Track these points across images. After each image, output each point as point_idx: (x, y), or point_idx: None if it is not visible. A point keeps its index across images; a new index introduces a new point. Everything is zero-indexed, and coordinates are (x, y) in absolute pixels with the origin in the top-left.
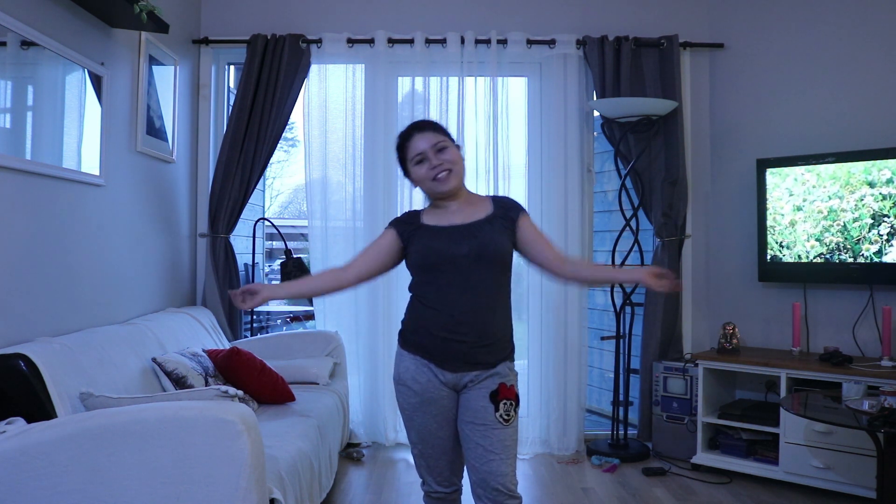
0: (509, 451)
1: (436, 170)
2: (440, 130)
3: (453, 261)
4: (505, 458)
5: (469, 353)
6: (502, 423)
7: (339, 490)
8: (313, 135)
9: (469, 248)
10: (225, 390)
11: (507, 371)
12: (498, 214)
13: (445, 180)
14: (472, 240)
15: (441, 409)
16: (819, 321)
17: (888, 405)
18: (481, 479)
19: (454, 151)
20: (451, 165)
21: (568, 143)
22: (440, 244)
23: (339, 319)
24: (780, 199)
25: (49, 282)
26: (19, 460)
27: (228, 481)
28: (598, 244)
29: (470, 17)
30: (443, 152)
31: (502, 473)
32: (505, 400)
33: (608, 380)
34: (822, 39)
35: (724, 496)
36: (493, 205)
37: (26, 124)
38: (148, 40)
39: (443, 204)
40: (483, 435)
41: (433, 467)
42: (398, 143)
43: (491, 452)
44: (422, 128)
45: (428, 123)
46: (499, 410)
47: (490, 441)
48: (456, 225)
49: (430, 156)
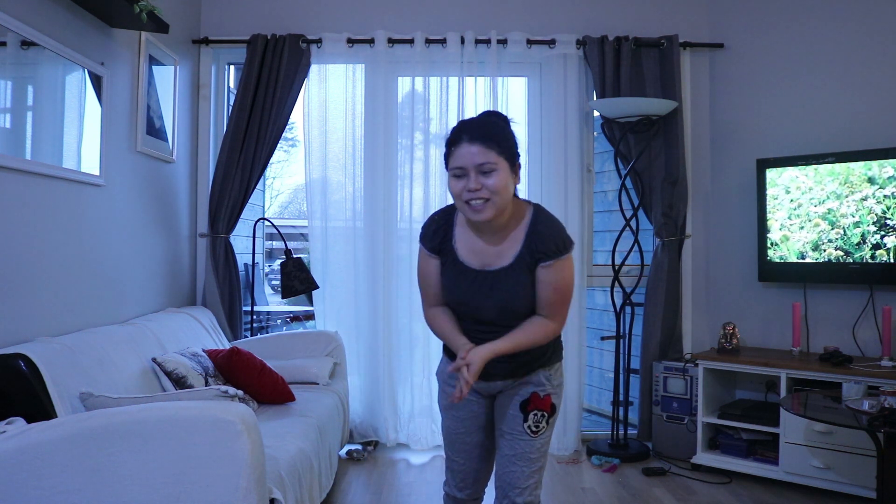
0: (534, 464)
1: (472, 194)
2: (493, 145)
3: (477, 311)
4: (528, 470)
5: (497, 369)
6: (530, 434)
7: (339, 490)
8: (313, 135)
9: (494, 303)
10: (225, 390)
11: (544, 380)
12: (524, 256)
13: (479, 210)
14: (497, 293)
15: (469, 413)
16: (819, 321)
17: (888, 405)
18: (500, 488)
19: (501, 176)
20: (489, 195)
21: (568, 143)
22: (462, 289)
23: (339, 319)
24: (780, 198)
25: (49, 282)
26: (19, 460)
27: (228, 481)
28: (598, 244)
29: (470, 17)
30: (487, 176)
31: (520, 487)
32: (536, 410)
33: (608, 380)
34: (823, 39)
35: (724, 496)
36: (524, 240)
37: (26, 124)
38: (148, 40)
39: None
40: (509, 444)
41: (455, 470)
42: (447, 138)
43: (513, 463)
44: (473, 137)
45: (482, 132)
46: (527, 421)
47: (514, 451)
48: (479, 270)
49: (472, 176)
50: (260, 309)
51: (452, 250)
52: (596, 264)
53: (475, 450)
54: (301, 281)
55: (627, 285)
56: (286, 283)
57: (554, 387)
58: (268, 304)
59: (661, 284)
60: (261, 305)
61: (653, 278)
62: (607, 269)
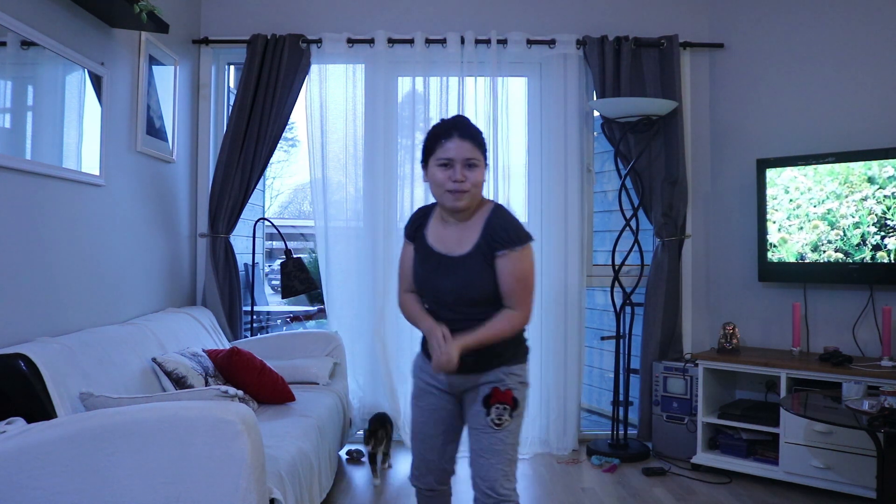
0: (500, 456)
1: (456, 184)
2: (480, 145)
3: (437, 292)
4: (495, 462)
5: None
6: (493, 426)
7: (339, 490)
8: (315, 135)
9: (451, 285)
10: (225, 390)
11: (503, 376)
12: (481, 245)
13: (459, 198)
14: (454, 277)
15: (430, 405)
16: (819, 321)
17: (888, 405)
18: (473, 482)
19: (480, 172)
20: (471, 187)
21: (568, 143)
22: (426, 272)
23: (339, 319)
24: (779, 198)
25: (49, 282)
26: (19, 460)
27: (228, 481)
28: (598, 244)
29: (470, 17)
30: (471, 170)
31: (490, 478)
32: (498, 404)
33: (608, 380)
34: (823, 39)
35: (724, 496)
36: (482, 230)
37: (26, 124)
38: (148, 40)
39: (447, 216)
40: (476, 439)
41: (416, 459)
42: (434, 131)
43: (481, 457)
44: (464, 134)
45: (471, 132)
46: (490, 415)
47: (481, 445)
48: (443, 254)
49: (458, 168)
50: (260, 309)
51: (423, 236)
52: (596, 264)
53: (430, 440)
54: (301, 281)
55: (627, 285)
56: (286, 283)
57: (515, 383)
58: (268, 304)
59: (661, 284)
60: (261, 305)
61: (653, 278)
62: (607, 269)
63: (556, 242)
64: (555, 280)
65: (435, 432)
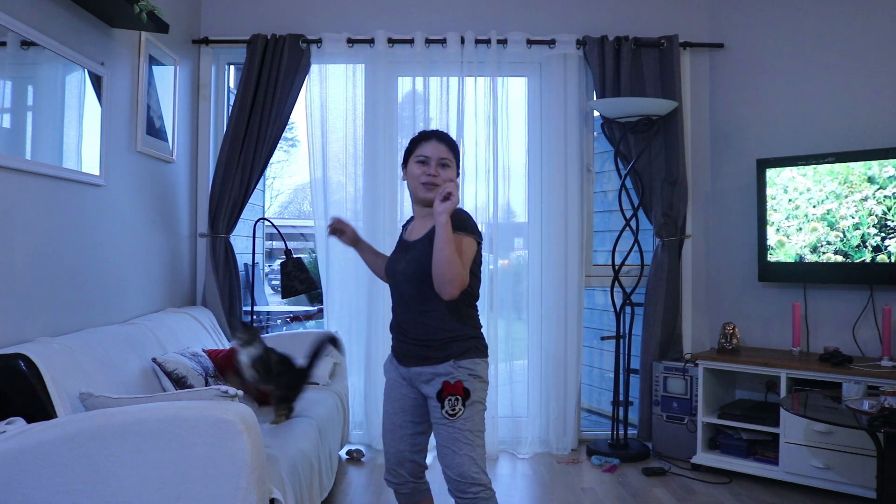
0: (462, 443)
1: (429, 178)
2: (453, 150)
3: (394, 275)
4: (456, 450)
5: (410, 351)
6: (448, 418)
7: (339, 490)
8: (315, 135)
9: (404, 265)
10: (225, 390)
11: (451, 369)
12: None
13: (430, 190)
14: (408, 258)
15: (398, 395)
16: (819, 321)
17: (888, 405)
18: (444, 473)
19: (451, 173)
20: (440, 181)
21: (568, 143)
22: (392, 258)
23: (339, 319)
24: (779, 198)
25: (49, 282)
26: (19, 460)
27: (228, 481)
28: (598, 244)
29: (470, 17)
30: (443, 168)
31: (456, 464)
32: (450, 396)
33: (608, 380)
34: (823, 39)
35: (724, 496)
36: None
37: (26, 124)
38: (148, 40)
39: (418, 211)
40: (437, 433)
41: (388, 454)
42: (415, 137)
43: (444, 448)
44: (441, 139)
45: (447, 139)
46: (444, 407)
47: (442, 437)
48: (405, 240)
49: (433, 165)
50: (260, 309)
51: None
52: (596, 264)
53: (399, 430)
54: (301, 281)
55: (627, 285)
56: (286, 283)
57: (465, 375)
58: (268, 304)
59: (661, 284)
60: (261, 305)
61: (653, 278)
62: (607, 269)
63: (556, 242)
64: (554, 280)
65: (403, 421)
